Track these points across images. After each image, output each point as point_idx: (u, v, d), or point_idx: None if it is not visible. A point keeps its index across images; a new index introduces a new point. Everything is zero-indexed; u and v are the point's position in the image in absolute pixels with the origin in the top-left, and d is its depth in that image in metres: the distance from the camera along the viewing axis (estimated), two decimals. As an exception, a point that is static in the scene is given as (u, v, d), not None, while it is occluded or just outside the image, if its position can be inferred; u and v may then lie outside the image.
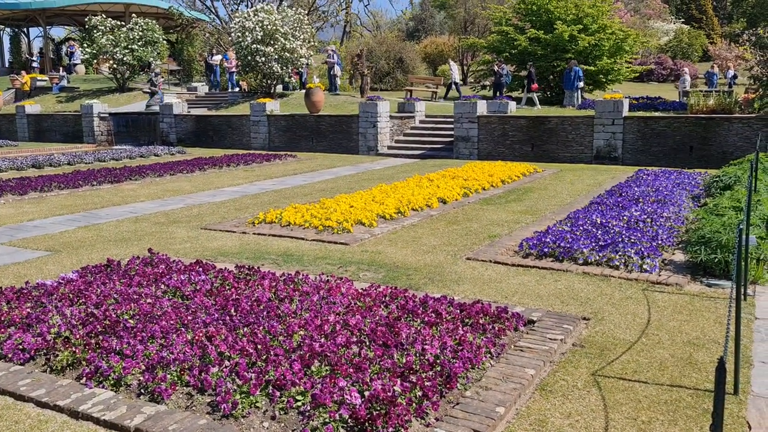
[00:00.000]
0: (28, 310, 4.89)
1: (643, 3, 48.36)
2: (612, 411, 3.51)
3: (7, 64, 41.58)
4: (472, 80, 34.10)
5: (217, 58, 30.14)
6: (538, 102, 21.88)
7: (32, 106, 27.25)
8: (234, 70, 29.39)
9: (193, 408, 3.48)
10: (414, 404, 3.36)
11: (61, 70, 35.41)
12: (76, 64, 37.14)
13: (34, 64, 38.74)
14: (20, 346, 4.21)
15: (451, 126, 19.11)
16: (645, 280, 5.99)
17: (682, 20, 52.47)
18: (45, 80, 33.36)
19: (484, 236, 7.90)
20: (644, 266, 6.22)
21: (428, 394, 3.45)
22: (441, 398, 3.50)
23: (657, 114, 17.24)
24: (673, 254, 6.89)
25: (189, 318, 4.61)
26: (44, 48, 40.63)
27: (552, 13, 24.39)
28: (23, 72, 34.41)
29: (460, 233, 8.09)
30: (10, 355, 4.16)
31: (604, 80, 25.95)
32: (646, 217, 8.19)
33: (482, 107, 18.50)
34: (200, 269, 6.02)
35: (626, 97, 18.40)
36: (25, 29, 41.73)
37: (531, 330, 4.64)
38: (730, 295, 4.06)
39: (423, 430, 3.23)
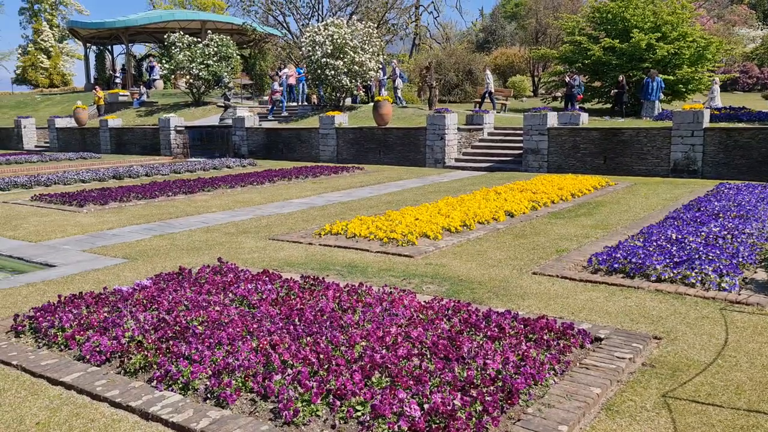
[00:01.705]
0: (105, 314, 5.11)
1: (727, 9, 46.54)
2: (683, 434, 3.40)
3: (92, 80, 43.74)
4: (543, 91, 33.60)
5: (283, 72, 30.70)
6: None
7: (114, 120, 28.60)
8: (293, 83, 29.85)
9: (256, 414, 3.55)
10: (474, 419, 3.33)
11: (141, 86, 37.02)
12: (155, 80, 38.73)
13: (117, 80, 40.71)
14: (97, 348, 4.39)
15: (521, 138, 18.92)
16: (723, 299, 5.78)
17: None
18: (126, 95, 34.97)
19: (551, 251, 7.80)
20: (723, 284, 6.01)
21: (488, 409, 3.41)
22: (501, 414, 3.45)
23: (741, 125, 16.61)
24: (755, 272, 6.64)
25: (254, 326, 4.69)
26: (126, 64, 42.65)
27: (629, 21, 23.87)
28: (98, 88, 36.24)
29: (527, 247, 8.01)
30: (88, 357, 4.35)
31: (684, 90, 25.16)
32: (726, 233, 7.92)
33: (553, 119, 18.25)
34: (267, 279, 6.13)
35: (707, 107, 17.80)
36: (109, 47, 43.92)
37: (598, 348, 4.54)
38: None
39: (482, 446, 3.21)
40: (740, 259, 6.78)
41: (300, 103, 29.96)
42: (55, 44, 52.18)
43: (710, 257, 6.72)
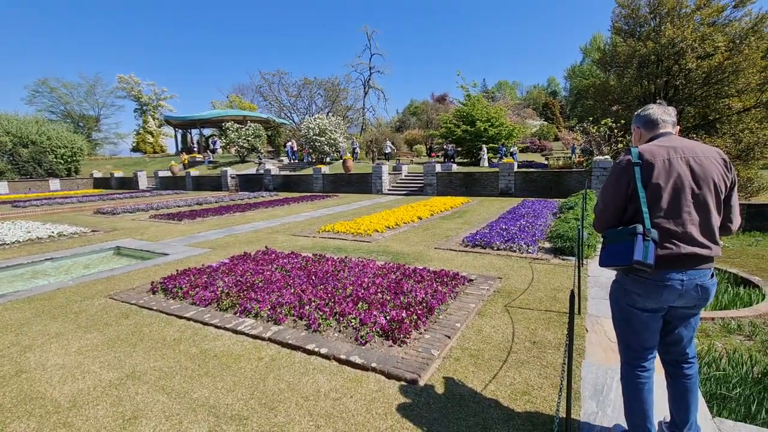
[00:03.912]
0: (205, 279, 4.99)
1: (522, 111, 48.66)
2: (516, 323, 3.63)
3: (179, 149, 41.90)
4: (432, 153, 34.30)
5: (289, 144, 30.42)
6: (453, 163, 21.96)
7: (194, 171, 27.35)
8: (295, 149, 29.75)
9: (296, 327, 3.59)
10: (413, 322, 3.49)
11: (208, 152, 35.69)
12: (217, 149, 37.44)
13: (194, 149, 39.00)
14: (203, 297, 4.32)
15: (422, 177, 19.27)
16: (530, 257, 5.98)
17: (543, 119, 52.77)
18: (200, 157, 33.55)
19: (443, 236, 7.91)
20: (529, 250, 6.22)
21: (420, 317, 3.58)
22: (427, 319, 3.60)
23: (532, 169, 17.40)
24: (544, 244, 6.85)
25: (290, 281, 4.69)
26: (199, 140, 40.95)
27: (474, 116, 24.65)
28: (183, 153, 34.83)
29: (430, 235, 8.11)
30: (197, 303, 4.27)
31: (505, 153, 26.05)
32: (528, 224, 8.21)
33: (438, 167, 18.64)
34: (293, 256, 6.11)
35: (516, 161, 18.56)
36: (189, 130, 42.14)
37: (471, 284, 4.68)
38: (574, 264, 4.20)
39: (418, 336, 3.36)
40: (536, 237, 6.99)
41: (299, 161, 29.71)
42: (156, 129, 49.43)
43: (522, 236, 6.95)
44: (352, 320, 3.54)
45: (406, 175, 21.14)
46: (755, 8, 14.91)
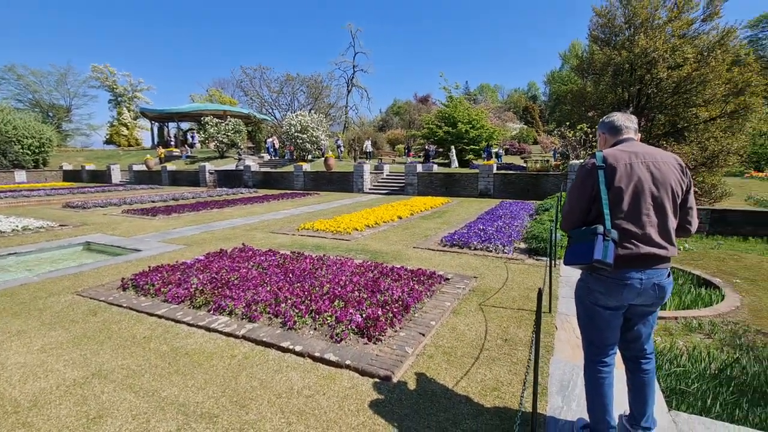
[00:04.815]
0: (179, 275, 4.88)
1: (503, 114, 49.46)
2: (489, 321, 3.71)
3: (155, 143, 40.68)
4: (413, 153, 34.49)
5: (270, 140, 30.01)
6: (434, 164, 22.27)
7: (170, 166, 26.63)
8: (276, 146, 29.36)
9: (272, 324, 3.56)
10: (388, 320, 3.52)
11: (186, 147, 34.83)
12: (195, 143, 36.56)
13: (171, 143, 37.93)
14: (176, 295, 4.23)
15: (403, 177, 19.36)
16: (506, 257, 6.07)
17: (523, 122, 53.83)
18: (177, 152, 32.69)
19: (422, 236, 7.95)
20: (505, 250, 6.32)
21: (396, 315, 3.61)
22: (402, 317, 3.63)
23: (510, 172, 17.71)
24: (520, 244, 6.96)
25: (267, 279, 4.64)
26: (177, 134, 39.89)
27: (455, 117, 24.89)
28: (160, 147, 33.95)
29: (409, 234, 8.14)
30: (170, 300, 4.18)
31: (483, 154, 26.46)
32: (505, 225, 8.34)
33: (419, 167, 18.75)
34: (271, 253, 6.02)
35: (495, 163, 18.90)
36: (166, 123, 40.95)
37: (448, 283, 4.73)
38: (548, 264, 4.31)
39: (393, 333, 3.39)
40: (512, 238, 7.10)
41: (280, 158, 29.33)
42: (131, 121, 47.79)
43: (499, 237, 7.05)
44: (328, 318, 3.54)
45: (387, 175, 21.18)
46: (722, 22, 15.58)
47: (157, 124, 40.47)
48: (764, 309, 5.88)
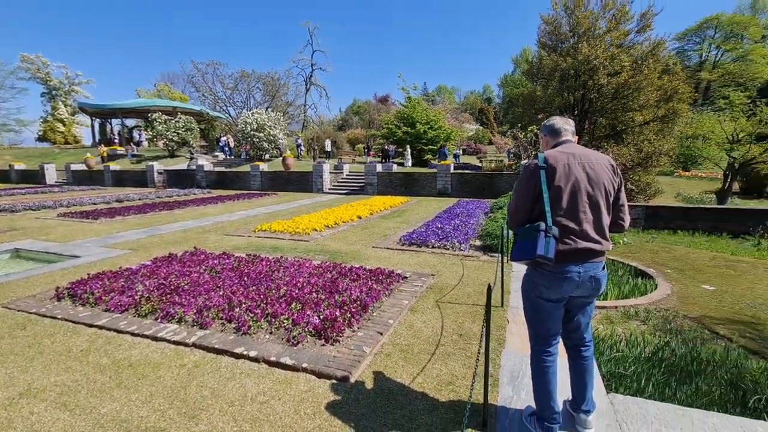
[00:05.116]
0: (122, 282, 4.58)
1: (460, 115, 50.76)
2: (445, 318, 3.79)
3: (97, 140, 37.77)
4: (373, 153, 34.59)
5: (224, 139, 28.88)
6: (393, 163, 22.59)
7: (114, 165, 24.85)
8: (232, 146, 28.32)
9: (225, 330, 3.43)
10: (346, 320, 3.51)
11: (132, 145, 32.69)
12: (142, 141, 34.40)
13: (115, 141, 35.48)
14: (119, 303, 3.96)
15: (363, 177, 19.36)
16: (462, 255, 6.21)
17: (479, 124, 55.58)
18: (122, 150, 30.59)
19: (381, 235, 7.98)
20: (461, 248, 6.46)
21: (354, 315, 3.60)
22: (361, 317, 3.62)
23: (467, 171, 18.19)
24: (476, 242, 7.12)
25: (220, 283, 4.47)
26: (121, 131, 37.32)
27: (414, 118, 25.26)
28: (102, 145, 31.66)
29: (369, 234, 8.14)
30: (112, 309, 3.91)
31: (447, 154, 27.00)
32: (462, 224, 8.55)
33: (379, 167, 18.83)
34: (225, 256, 5.81)
35: (453, 163, 19.38)
36: (109, 119, 38.15)
37: (406, 281, 4.78)
38: (501, 260, 4.48)
39: (351, 334, 3.38)
40: (469, 236, 7.29)
41: (235, 157, 28.29)
42: (69, 117, 44.01)
43: (456, 235, 7.22)
44: (285, 321, 3.47)
45: (347, 175, 21.09)
46: (654, 34, 17.02)
47: (98, 120, 37.65)
48: (690, 296, 6.48)
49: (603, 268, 2.04)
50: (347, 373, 2.76)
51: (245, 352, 3.04)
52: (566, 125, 2.17)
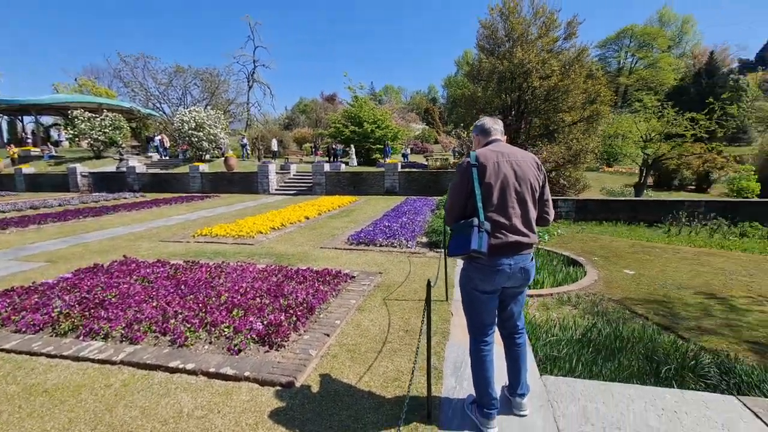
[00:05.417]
0: (36, 299, 4.10)
1: (406, 115, 51.56)
2: (392, 315, 3.83)
3: (5, 140, 33.42)
4: (321, 152, 34.12)
5: (158, 138, 26.90)
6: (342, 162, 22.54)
7: (27, 168, 22.20)
8: (167, 146, 26.55)
9: (159, 344, 3.20)
10: (292, 324, 3.42)
11: (49, 145, 29.34)
12: (62, 141, 31.02)
13: (29, 141, 31.60)
14: (31, 322, 3.54)
15: (311, 177, 19.02)
16: (409, 252, 6.30)
17: (425, 123, 56.94)
18: (37, 151, 27.36)
19: (329, 235, 7.91)
20: (408, 245, 6.55)
21: (300, 318, 3.52)
22: (307, 320, 3.55)
23: (414, 170, 18.52)
24: (422, 238, 7.24)
25: (154, 293, 4.15)
26: (36, 130, 33.32)
27: (362, 117, 25.26)
28: (12, 146, 28.07)
29: (317, 234, 8.03)
30: (24, 329, 3.49)
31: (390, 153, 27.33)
32: (409, 221, 8.67)
33: (327, 167, 18.60)
34: (160, 264, 5.40)
35: (401, 162, 19.65)
36: (20, 117, 33.93)
37: (353, 281, 4.76)
38: (444, 256, 4.61)
39: (297, 338, 3.30)
40: (416, 233, 7.40)
41: (171, 158, 26.47)
42: (-31, 113, 38.56)
43: (403, 233, 7.30)
44: (226, 329, 3.30)
45: (294, 175, 20.60)
46: (579, 41, 18.53)
47: (6, 117, 33.36)
48: (614, 280, 7.14)
49: (531, 260, 2.17)
50: (292, 378, 2.70)
51: (181, 366, 2.85)
52: (495, 125, 2.28)
